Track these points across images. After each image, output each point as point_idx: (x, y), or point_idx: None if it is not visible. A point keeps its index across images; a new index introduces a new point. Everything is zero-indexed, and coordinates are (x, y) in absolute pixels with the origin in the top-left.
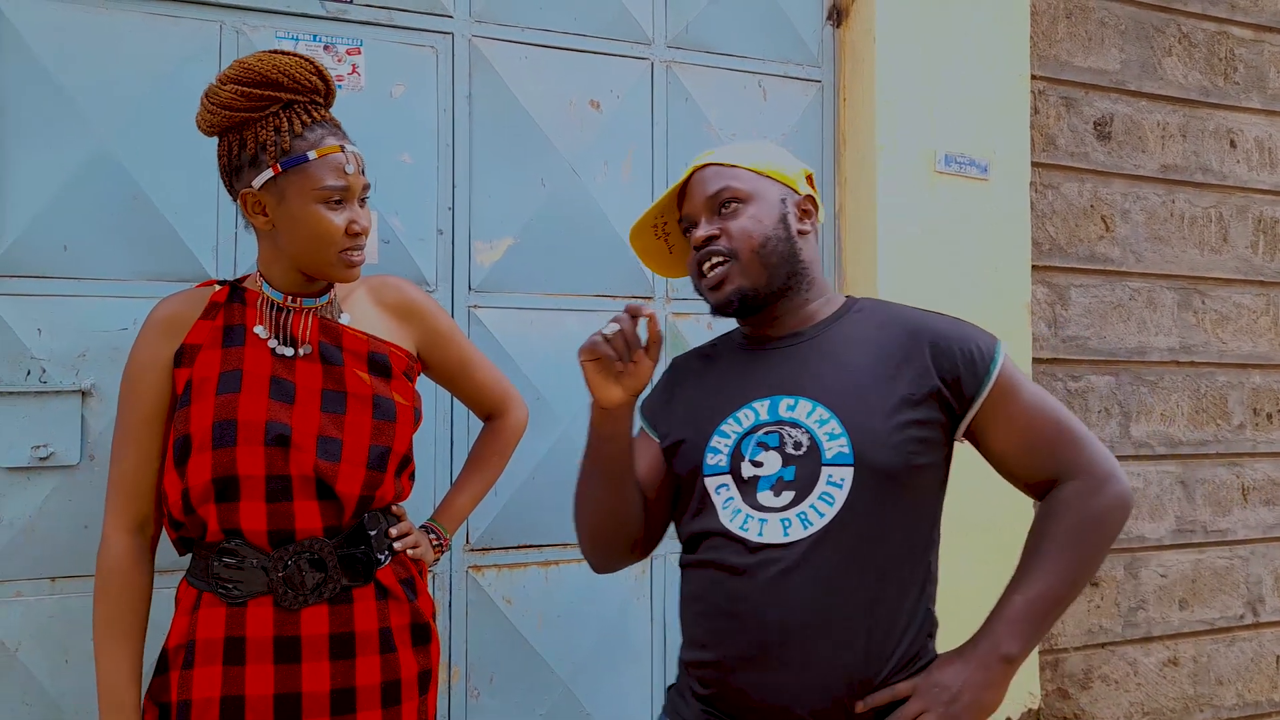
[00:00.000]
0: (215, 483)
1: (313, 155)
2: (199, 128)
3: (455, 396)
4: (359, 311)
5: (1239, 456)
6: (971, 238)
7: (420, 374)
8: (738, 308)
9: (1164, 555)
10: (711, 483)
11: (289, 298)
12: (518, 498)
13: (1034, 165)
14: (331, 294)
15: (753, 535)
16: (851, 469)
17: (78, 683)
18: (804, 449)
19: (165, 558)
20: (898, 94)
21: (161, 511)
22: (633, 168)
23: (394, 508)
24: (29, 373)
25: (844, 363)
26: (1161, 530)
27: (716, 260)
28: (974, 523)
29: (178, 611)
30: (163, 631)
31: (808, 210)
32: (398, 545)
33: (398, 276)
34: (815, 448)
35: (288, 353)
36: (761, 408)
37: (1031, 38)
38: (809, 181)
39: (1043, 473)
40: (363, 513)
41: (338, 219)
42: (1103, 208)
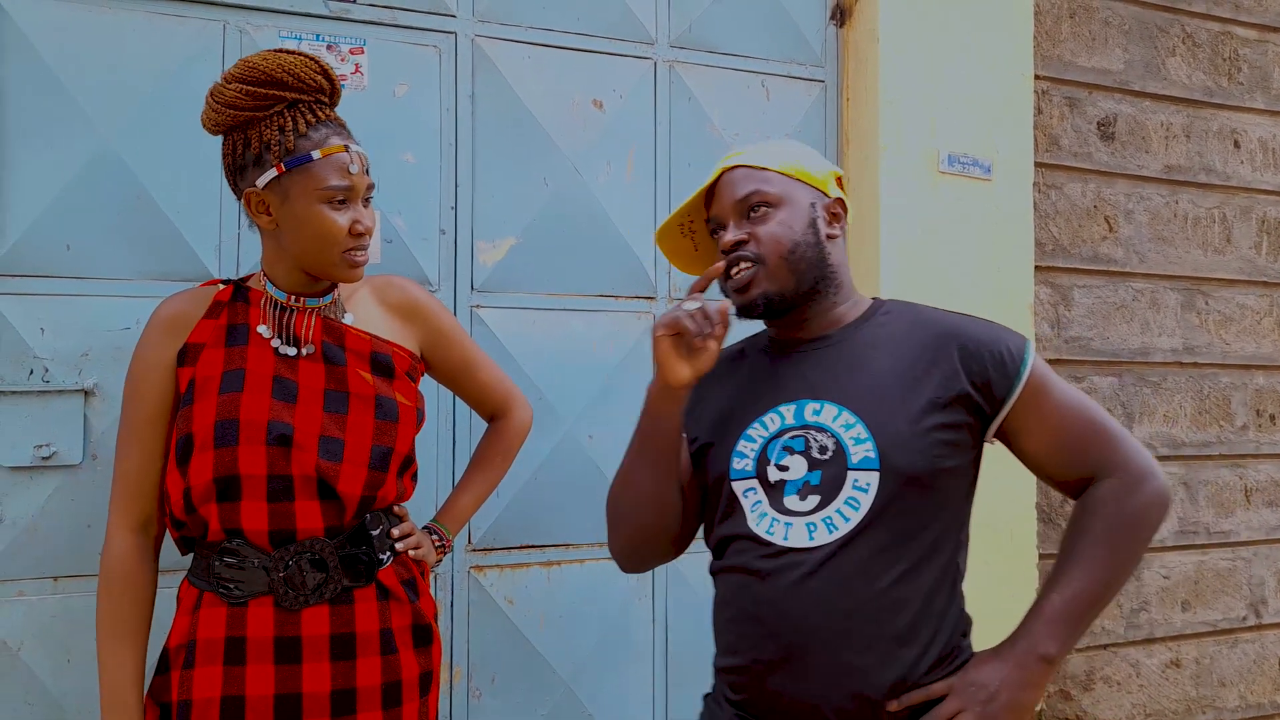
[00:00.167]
0: (217, 482)
1: (317, 155)
2: (204, 126)
3: (459, 397)
4: (362, 311)
5: (1242, 458)
6: (974, 238)
7: (424, 374)
8: (763, 311)
9: (1166, 556)
10: (738, 487)
11: (292, 297)
12: (520, 498)
13: (1037, 165)
14: (335, 294)
15: (778, 539)
16: (877, 473)
17: (80, 683)
18: (830, 453)
19: (167, 557)
20: (901, 94)
21: (164, 511)
22: (635, 167)
23: (396, 508)
24: (32, 372)
25: (870, 367)
26: (1164, 531)
27: (744, 265)
28: (975, 521)
29: (179, 611)
30: (165, 631)
31: (837, 214)
32: (400, 546)
33: (402, 276)
34: (841, 452)
35: (291, 352)
36: (788, 412)
37: (1035, 37)
38: (839, 184)
39: (1078, 471)
40: (364, 513)
41: (341, 219)
42: (1106, 208)
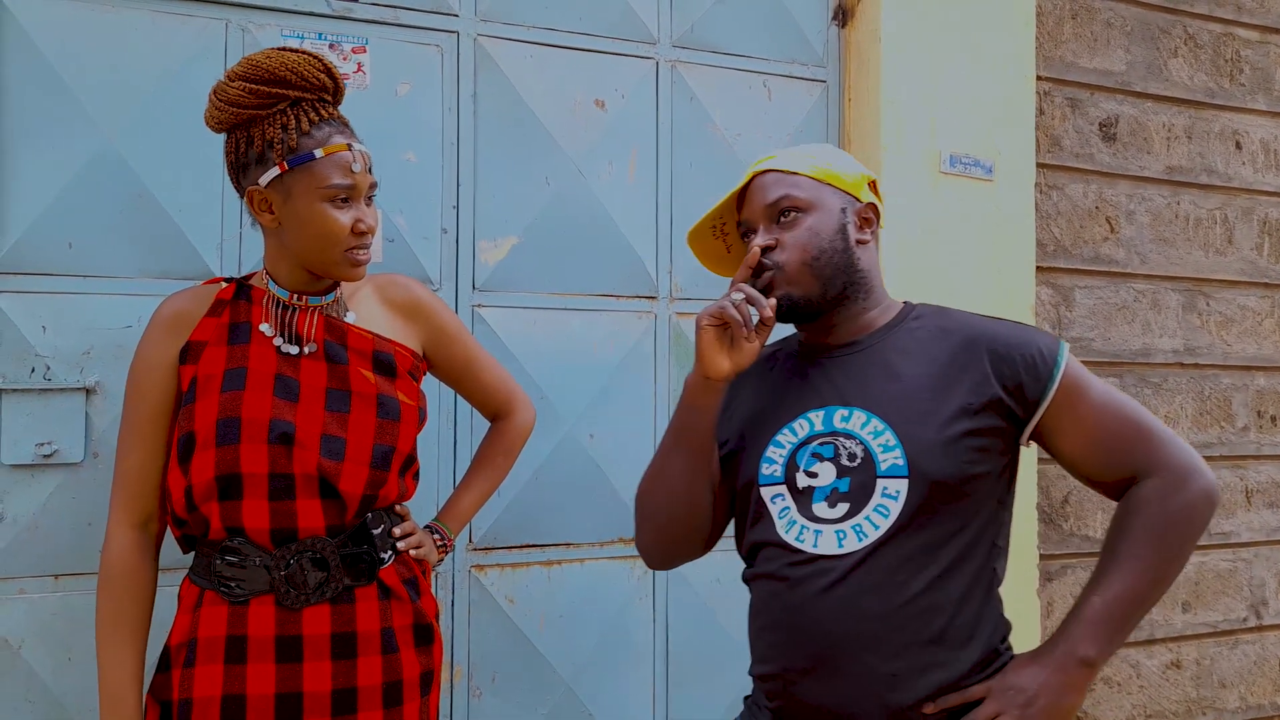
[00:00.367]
0: (218, 480)
1: (319, 153)
2: (207, 124)
3: (461, 396)
4: (365, 310)
5: (1243, 459)
6: (976, 239)
7: (426, 373)
8: (786, 314)
9: None
10: (767, 493)
11: (295, 295)
12: (521, 497)
13: (1039, 166)
14: (337, 292)
15: (808, 546)
16: (906, 480)
17: (80, 681)
18: (859, 460)
19: (168, 555)
20: (902, 94)
21: (165, 509)
22: (637, 167)
23: (398, 507)
24: (33, 370)
25: (899, 373)
26: None
27: (769, 271)
28: None
29: (180, 609)
30: (165, 629)
31: (868, 219)
32: (401, 545)
33: (405, 275)
34: (870, 459)
35: (293, 351)
36: (816, 418)
37: (1037, 38)
38: (872, 188)
39: (1119, 472)
40: (366, 512)
41: (343, 217)
42: (1107, 209)
